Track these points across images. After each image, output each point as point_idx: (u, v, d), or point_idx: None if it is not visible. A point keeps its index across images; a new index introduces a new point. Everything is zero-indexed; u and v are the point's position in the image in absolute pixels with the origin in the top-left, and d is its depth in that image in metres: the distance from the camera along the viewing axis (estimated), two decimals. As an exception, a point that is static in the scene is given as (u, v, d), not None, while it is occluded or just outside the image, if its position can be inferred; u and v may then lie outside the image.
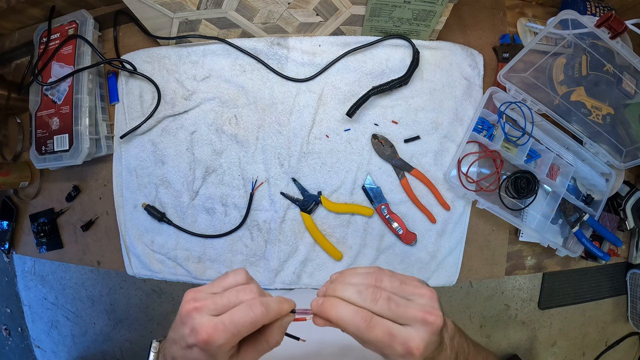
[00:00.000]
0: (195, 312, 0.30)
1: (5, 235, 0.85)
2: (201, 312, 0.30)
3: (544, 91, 0.74)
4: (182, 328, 0.31)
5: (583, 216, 0.75)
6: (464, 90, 0.75)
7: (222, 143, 0.75)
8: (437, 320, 0.30)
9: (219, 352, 0.30)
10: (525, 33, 0.78)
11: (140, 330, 1.78)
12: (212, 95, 0.74)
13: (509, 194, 0.75)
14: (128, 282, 1.75)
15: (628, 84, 0.68)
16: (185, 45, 0.75)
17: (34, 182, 0.83)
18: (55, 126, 0.71)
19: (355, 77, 0.74)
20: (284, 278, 0.74)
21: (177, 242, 0.75)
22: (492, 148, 0.73)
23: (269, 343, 0.33)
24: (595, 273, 1.69)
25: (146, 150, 0.76)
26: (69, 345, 1.83)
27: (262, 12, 0.68)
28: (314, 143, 0.74)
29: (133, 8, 0.66)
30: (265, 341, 0.33)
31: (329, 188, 0.74)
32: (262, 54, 0.74)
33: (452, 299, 1.72)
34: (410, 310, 0.31)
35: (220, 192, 0.75)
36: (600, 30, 0.58)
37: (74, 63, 0.71)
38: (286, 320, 0.33)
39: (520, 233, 0.77)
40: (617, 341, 1.69)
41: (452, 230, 0.75)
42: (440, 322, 0.31)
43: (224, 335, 0.29)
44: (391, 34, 0.73)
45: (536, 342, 1.76)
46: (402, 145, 0.75)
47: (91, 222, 0.79)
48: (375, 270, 0.35)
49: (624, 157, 0.76)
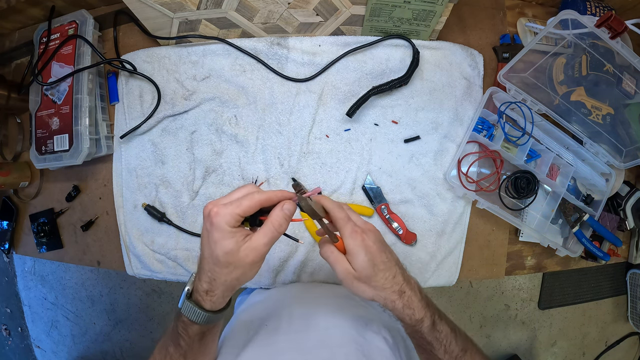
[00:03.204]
0: (210, 204, 0.39)
1: (5, 235, 0.85)
2: (214, 202, 0.39)
3: (544, 91, 0.74)
4: (203, 222, 0.39)
5: (583, 216, 0.75)
6: (464, 90, 0.75)
7: (222, 143, 0.75)
8: (371, 225, 0.45)
9: (226, 221, 0.37)
10: (525, 33, 0.78)
11: (140, 330, 1.78)
12: (212, 95, 0.74)
13: (509, 194, 0.75)
14: (128, 282, 1.75)
15: (628, 84, 0.68)
16: (185, 45, 0.75)
17: (34, 182, 0.83)
18: (55, 126, 0.71)
19: (355, 77, 0.74)
20: (284, 278, 0.74)
21: (177, 242, 0.75)
22: (492, 148, 0.73)
23: (273, 224, 0.39)
24: (595, 273, 1.70)
25: (146, 150, 0.76)
26: (69, 345, 1.84)
27: (262, 12, 0.68)
28: (314, 143, 0.74)
29: (133, 8, 0.66)
30: (270, 223, 0.39)
31: (329, 188, 0.74)
32: (262, 54, 0.74)
33: (452, 299, 1.72)
34: (355, 215, 0.46)
35: (221, 192, 0.75)
36: (600, 30, 0.58)
37: (74, 63, 0.71)
38: (287, 206, 0.40)
39: (520, 233, 0.77)
40: (617, 341, 1.69)
41: (452, 230, 0.75)
42: (372, 227, 0.45)
43: (229, 207, 0.38)
44: (391, 34, 0.73)
45: (536, 342, 1.76)
46: (401, 145, 0.75)
47: (91, 222, 0.79)
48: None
49: (624, 157, 0.76)
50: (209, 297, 0.40)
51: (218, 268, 0.39)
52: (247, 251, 0.38)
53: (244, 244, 0.38)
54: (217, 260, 0.38)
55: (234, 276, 0.39)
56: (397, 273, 0.43)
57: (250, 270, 0.40)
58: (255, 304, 0.67)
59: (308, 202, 0.42)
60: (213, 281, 0.39)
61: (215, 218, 0.37)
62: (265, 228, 0.39)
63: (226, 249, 0.37)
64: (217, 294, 0.40)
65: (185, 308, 0.41)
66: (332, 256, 0.44)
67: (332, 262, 0.44)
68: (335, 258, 0.44)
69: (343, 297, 0.62)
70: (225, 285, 0.40)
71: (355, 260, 0.42)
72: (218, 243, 0.37)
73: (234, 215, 0.37)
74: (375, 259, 0.42)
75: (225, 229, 0.37)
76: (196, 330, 0.42)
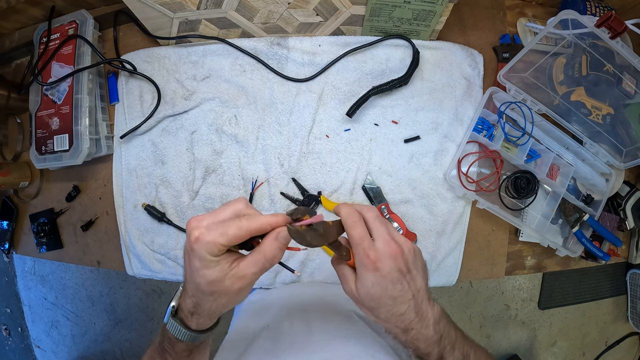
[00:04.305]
0: (194, 220, 0.34)
1: (5, 235, 0.85)
2: (199, 221, 0.34)
3: (544, 91, 0.74)
4: (186, 239, 0.35)
5: (583, 216, 0.75)
6: (464, 90, 0.75)
7: (222, 143, 0.75)
8: (396, 248, 0.36)
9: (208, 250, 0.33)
10: (525, 33, 0.78)
11: (140, 330, 1.78)
12: (212, 95, 0.74)
13: (509, 194, 0.75)
14: (128, 282, 1.75)
15: (628, 84, 0.68)
16: (185, 45, 0.75)
17: (34, 182, 0.83)
18: (55, 126, 0.71)
19: (355, 77, 0.74)
20: (284, 278, 0.74)
21: (177, 242, 0.75)
22: (492, 148, 0.73)
23: (265, 255, 0.35)
24: (595, 273, 1.70)
25: (146, 150, 0.76)
26: (69, 345, 1.84)
27: (262, 12, 0.68)
28: (314, 143, 0.74)
29: (133, 8, 0.66)
30: (262, 253, 0.35)
31: (329, 188, 0.74)
32: (262, 54, 0.74)
33: (452, 299, 1.72)
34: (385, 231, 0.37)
35: (220, 192, 0.75)
36: (600, 30, 0.58)
37: (74, 63, 0.71)
38: (281, 234, 0.35)
39: (520, 233, 0.77)
40: (617, 341, 1.69)
41: (452, 230, 0.75)
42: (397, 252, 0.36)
43: (212, 233, 0.33)
44: (391, 34, 0.73)
45: (536, 342, 1.76)
46: (401, 145, 0.75)
47: (91, 222, 0.79)
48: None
49: (624, 157, 0.76)
50: (195, 318, 0.37)
51: (201, 295, 0.35)
52: (234, 280, 0.34)
53: (230, 271, 0.34)
54: (199, 289, 0.35)
55: (220, 303, 0.36)
56: (407, 310, 0.36)
57: (237, 297, 0.36)
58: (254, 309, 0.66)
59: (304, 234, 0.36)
60: (197, 305, 0.36)
61: (195, 245, 0.33)
62: (256, 257, 0.35)
63: (209, 278, 0.34)
64: (203, 316, 0.37)
65: (170, 325, 0.38)
66: (339, 272, 0.40)
67: (339, 276, 0.40)
68: (342, 274, 0.39)
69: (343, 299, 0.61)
70: (211, 311, 0.37)
71: (361, 289, 0.37)
72: (200, 271, 0.34)
73: (216, 245, 0.33)
74: (383, 293, 0.36)
75: (207, 258, 0.33)
76: (183, 347, 0.39)
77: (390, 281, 0.36)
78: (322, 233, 0.37)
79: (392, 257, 0.36)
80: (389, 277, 0.35)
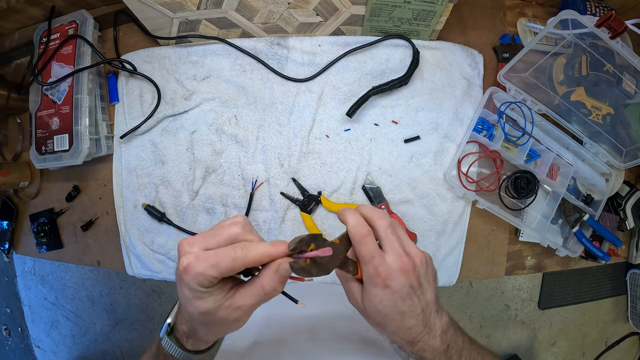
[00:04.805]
0: (185, 244, 0.32)
1: (5, 235, 0.85)
2: (191, 245, 0.32)
3: (544, 91, 0.74)
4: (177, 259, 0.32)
5: (583, 216, 0.75)
6: (464, 90, 0.75)
7: (222, 143, 0.75)
8: (408, 263, 0.34)
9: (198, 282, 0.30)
10: (525, 33, 0.78)
11: (140, 330, 1.78)
12: (212, 95, 0.74)
13: (509, 194, 0.75)
14: (128, 282, 1.75)
15: (628, 84, 0.68)
16: (185, 45, 0.75)
17: (34, 182, 0.83)
18: (55, 126, 0.71)
19: (355, 77, 0.74)
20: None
21: (177, 242, 0.75)
22: (492, 148, 0.73)
23: (264, 288, 0.32)
24: (595, 273, 1.70)
25: (146, 150, 0.76)
26: (69, 345, 1.84)
27: (262, 12, 0.68)
28: (314, 143, 0.74)
29: (133, 8, 0.66)
30: (260, 286, 0.32)
31: (329, 188, 0.74)
32: (262, 54, 0.74)
33: (452, 299, 1.73)
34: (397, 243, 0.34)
35: (220, 192, 0.75)
36: (600, 30, 0.58)
37: (74, 63, 0.71)
38: (283, 267, 0.31)
39: (520, 233, 0.77)
40: (617, 341, 1.69)
41: (452, 230, 0.75)
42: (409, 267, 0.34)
43: (202, 263, 0.30)
44: (391, 34, 0.73)
45: (536, 342, 1.76)
46: (401, 145, 0.75)
47: (91, 222, 0.79)
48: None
49: (624, 157, 0.76)
50: (190, 341, 0.36)
51: (195, 324, 0.34)
52: (229, 310, 0.32)
53: (225, 302, 0.32)
54: (192, 318, 0.33)
55: (215, 331, 0.34)
56: (415, 324, 0.35)
57: (235, 325, 0.34)
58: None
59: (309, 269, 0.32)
60: (193, 330, 0.35)
61: (185, 275, 0.30)
62: (254, 289, 0.32)
63: (201, 309, 0.31)
64: (200, 340, 0.36)
65: (166, 342, 0.36)
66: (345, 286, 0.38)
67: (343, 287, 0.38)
68: (348, 287, 0.37)
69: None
70: (208, 337, 0.35)
71: (368, 304, 0.35)
72: (191, 302, 0.31)
73: (207, 278, 0.30)
74: (392, 309, 0.34)
75: (198, 290, 0.30)
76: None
77: (400, 297, 0.33)
78: (329, 259, 0.33)
79: (404, 272, 0.33)
80: (398, 293, 0.33)
